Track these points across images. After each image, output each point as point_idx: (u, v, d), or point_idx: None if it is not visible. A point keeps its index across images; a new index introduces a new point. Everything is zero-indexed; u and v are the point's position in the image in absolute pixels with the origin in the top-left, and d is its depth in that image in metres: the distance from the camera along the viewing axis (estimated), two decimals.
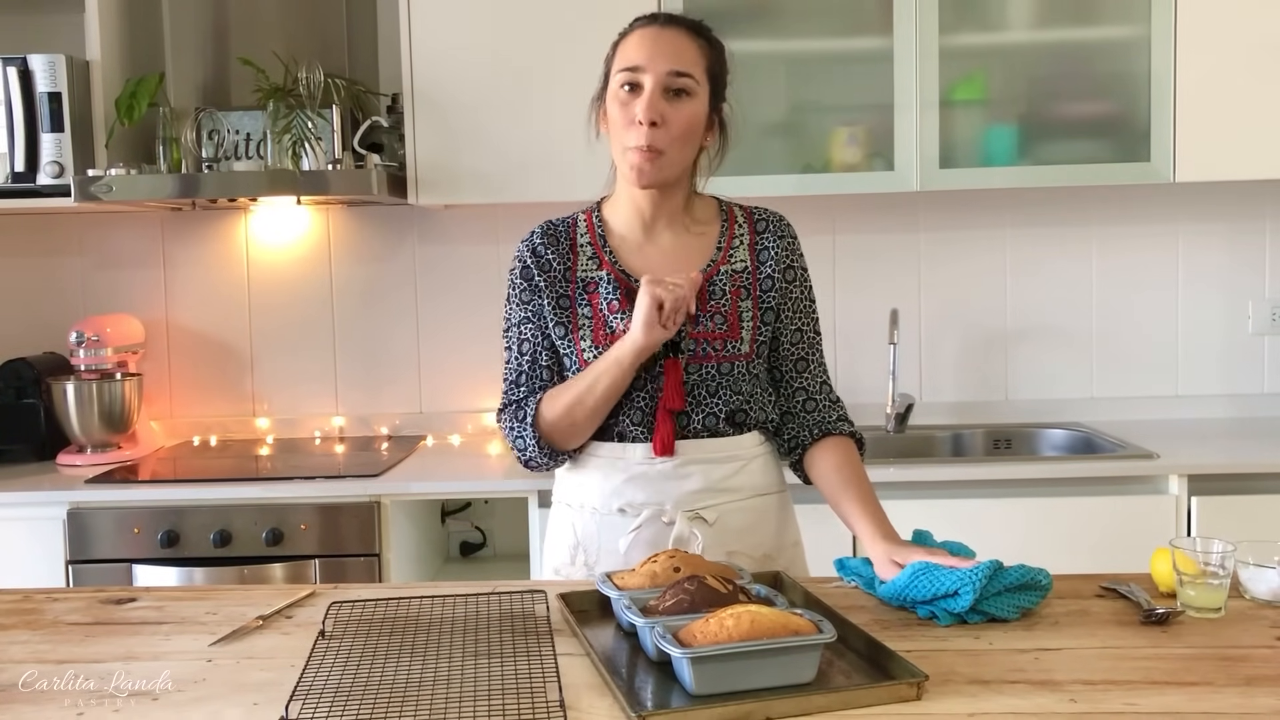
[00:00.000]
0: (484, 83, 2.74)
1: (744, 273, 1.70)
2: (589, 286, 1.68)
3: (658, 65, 1.60)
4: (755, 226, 1.74)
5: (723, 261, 1.70)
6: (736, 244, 1.71)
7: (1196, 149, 2.69)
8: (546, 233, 1.73)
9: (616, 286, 1.66)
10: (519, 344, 1.71)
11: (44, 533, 2.53)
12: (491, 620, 1.44)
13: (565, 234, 1.73)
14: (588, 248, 1.71)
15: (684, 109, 1.61)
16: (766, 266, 1.71)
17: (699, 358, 1.64)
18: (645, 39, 1.62)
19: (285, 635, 1.44)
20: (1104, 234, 3.08)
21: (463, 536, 3.13)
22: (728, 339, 1.66)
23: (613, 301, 1.66)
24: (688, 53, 1.62)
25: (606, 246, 1.70)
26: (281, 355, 3.16)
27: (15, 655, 1.39)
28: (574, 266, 1.69)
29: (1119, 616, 1.43)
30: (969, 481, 2.51)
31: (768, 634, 1.20)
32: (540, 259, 1.71)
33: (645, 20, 1.66)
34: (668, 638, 1.20)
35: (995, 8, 2.77)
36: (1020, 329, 3.09)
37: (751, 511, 1.69)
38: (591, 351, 1.65)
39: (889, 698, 1.18)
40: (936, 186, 2.73)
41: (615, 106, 1.63)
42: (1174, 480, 2.47)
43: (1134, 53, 2.71)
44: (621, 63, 1.62)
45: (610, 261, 1.69)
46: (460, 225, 3.12)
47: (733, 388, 1.66)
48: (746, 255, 1.71)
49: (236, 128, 2.82)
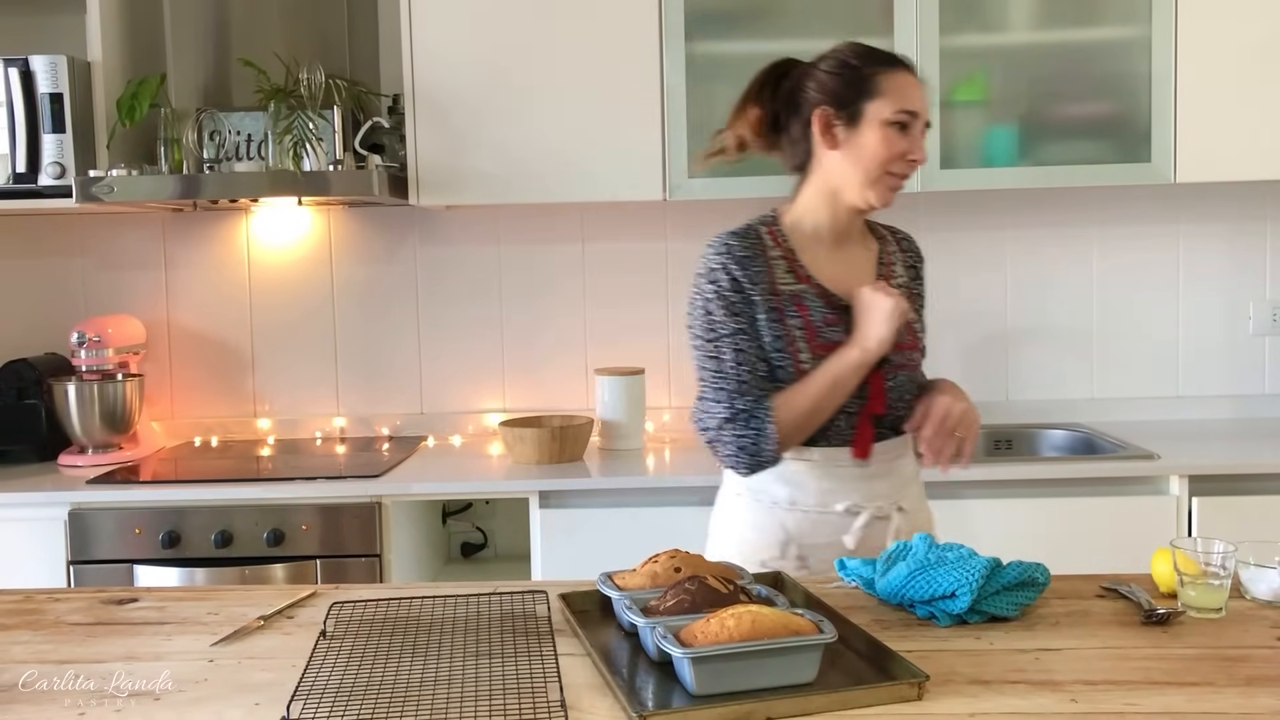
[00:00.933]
0: (485, 84, 2.74)
1: (903, 286, 1.85)
2: (794, 299, 1.75)
3: (925, 113, 1.76)
4: (901, 244, 1.91)
5: (889, 275, 1.84)
6: (894, 259, 1.88)
7: (1197, 150, 2.69)
8: (744, 245, 1.77)
9: (823, 302, 1.76)
10: (735, 354, 1.73)
11: (45, 533, 2.53)
12: (493, 620, 1.45)
13: (758, 246, 1.78)
14: (780, 262, 1.77)
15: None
16: (916, 284, 1.91)
17: (898, 367, 1.78)
18: (914, 87, 1.75)
19: (287, 635, 1.45)
20: (1105, 234, 3.08)
21: (464, 537, 3.13)
22: (914, 349, 1.82)
23: (827, 314, 1.74)
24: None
25: (799, 260, 1.78)
26: (282, 356, 3.17)
27: (17, 655, 1.40)
28: (772, 280, 1.75)
29: (1120, 617, 1.44)
30: (970, 482, 2.51)
31: (768, 634, 1.20)
32: (747, 270, 1.75)
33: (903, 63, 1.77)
34: (669, 638, 1.20)
35: (996, 8, 2.77)
36: (1021, 329, 3.09)
37: (920, 499, 1.88)
38: (811, 361, 1.72)
39: (889, 698, 1.18)
40: (937, 187, 2.73)
41: (879, 141, 1.72)
42: (1175, 481, 2.48)
43: (1134, 53, 2.71)
44: (899, 102, 1.72)
45: (806, 275, 1.77)
46: (461, 226, 3.13)
47: (911, 391, 1.81)
48: (903, 270, 1.88)
49: (237, 129, 2.83)
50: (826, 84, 1.77)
